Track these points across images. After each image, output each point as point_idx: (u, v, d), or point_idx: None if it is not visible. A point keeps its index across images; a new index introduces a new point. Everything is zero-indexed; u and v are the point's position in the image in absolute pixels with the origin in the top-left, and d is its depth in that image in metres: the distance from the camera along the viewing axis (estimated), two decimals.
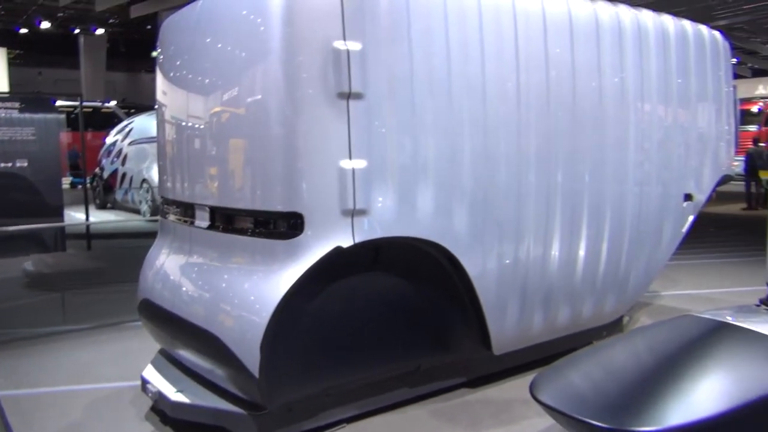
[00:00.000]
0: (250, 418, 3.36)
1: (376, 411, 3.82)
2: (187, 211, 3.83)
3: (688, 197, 4.99)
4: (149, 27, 23.75)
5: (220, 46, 3.55)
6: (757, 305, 3.85)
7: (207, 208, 3.63)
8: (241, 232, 3.42)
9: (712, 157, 5.17)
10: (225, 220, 3.53)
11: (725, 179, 5.51)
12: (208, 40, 3.63)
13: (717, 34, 5.20)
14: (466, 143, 3.66)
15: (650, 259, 4.84)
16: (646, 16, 4.59)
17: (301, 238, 3.18)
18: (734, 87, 5.45)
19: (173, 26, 4.02)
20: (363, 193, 3.25)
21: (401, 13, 3.36)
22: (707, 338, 3.14)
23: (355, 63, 3.19)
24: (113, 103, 21.70)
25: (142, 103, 21.76)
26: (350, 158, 3.22)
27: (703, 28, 5.08)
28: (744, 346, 3.03)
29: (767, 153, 14.36)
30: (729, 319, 3.28)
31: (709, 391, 2.72)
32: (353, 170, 3.22)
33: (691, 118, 4.94)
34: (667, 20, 4.73)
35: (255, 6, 3.29)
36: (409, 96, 3.40)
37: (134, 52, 28.79)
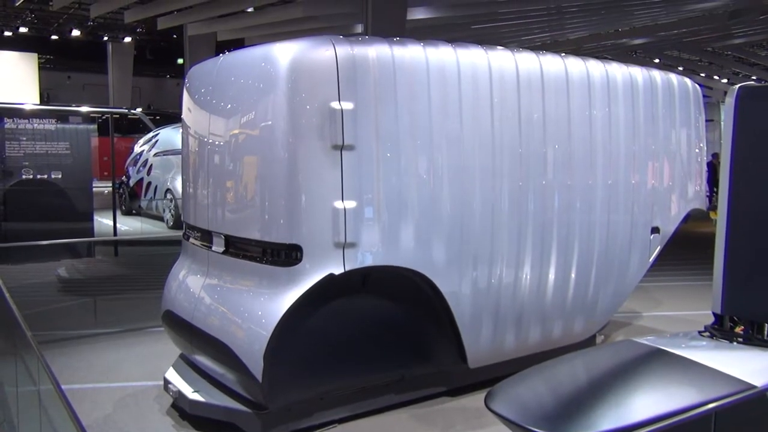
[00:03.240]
0: (254, 416, 4.00)
1: (365, 414, 4.41)
2: (206, 236, 4.47)
3: (655, 230, 5.51)
4: (175, 36, 24.61)
5: (234, 99, 4.18)
6: (701, 332, 4.38)
7: (222, 236, 4.26)
8: (251, 258, 4.05)
9: (680, 193, 5.68)
10: (237, 247, 4.16)
11: (694, 212, 6.02)
12: (225, 95, 4.27)
13: (687, 80, 5.72)
14: (444, 186, 4.24)
15: (618, 285, 5.36)
16: (615, 68, 5.13)
17: (300, 266, 3.81)
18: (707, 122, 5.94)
19: (197, 74, 4.67)
20: (353, 229, 3.86)
21: (389, 78, 3.97)
22: (641, 361, 3.69)
23: (348, 120, 3.81)
24: (139, 109, 22.63)
25: (166, 110, 22.62)
26: (342, 200, 3.83)
27: (673, 77, 5.60)
28: (671, 369, 3.57)
29: None
30: (663, 346, 3.81)
31: (633, 405, 3.27)
32: (345, 210, 3.83)
33: (659, 159, 5.46)
34: (635, 71, 5.26)
35: (266, 71, 3.92)
36: (394, 147, 4.00)
37: (160, 59, 29.75)
